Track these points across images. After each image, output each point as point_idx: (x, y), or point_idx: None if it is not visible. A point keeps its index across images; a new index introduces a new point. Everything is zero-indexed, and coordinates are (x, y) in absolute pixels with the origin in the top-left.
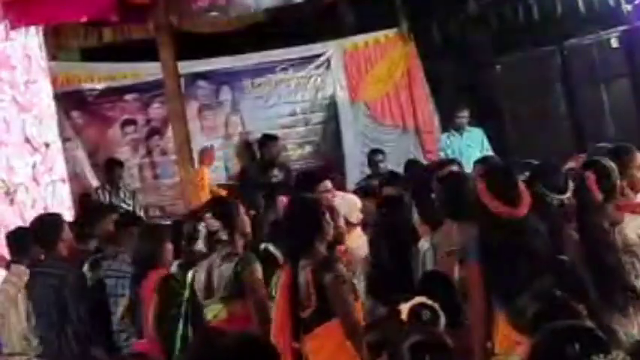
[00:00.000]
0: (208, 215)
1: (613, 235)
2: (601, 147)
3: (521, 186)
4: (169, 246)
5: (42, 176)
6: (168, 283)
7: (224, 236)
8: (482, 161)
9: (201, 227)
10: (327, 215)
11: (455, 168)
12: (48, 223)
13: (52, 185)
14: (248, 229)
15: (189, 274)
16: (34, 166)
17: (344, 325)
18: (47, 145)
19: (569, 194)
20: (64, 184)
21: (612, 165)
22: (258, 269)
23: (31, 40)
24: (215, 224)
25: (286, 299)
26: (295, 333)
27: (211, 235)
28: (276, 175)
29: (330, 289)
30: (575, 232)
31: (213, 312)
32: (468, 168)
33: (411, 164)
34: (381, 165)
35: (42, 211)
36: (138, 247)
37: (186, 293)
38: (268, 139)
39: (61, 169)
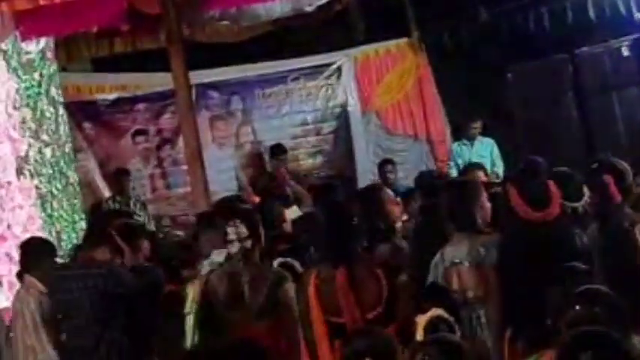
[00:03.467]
0: (238, 221)
1: (635, 235)
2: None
3: (552, 187)
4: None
5: None
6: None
7: (248, 244)
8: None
9: (231, 232)
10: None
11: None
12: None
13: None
14: (262, 241)
15: (193, 288)
16: None
17: (400, 327)
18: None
19: (582, 202)
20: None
21: (627, 167)
22: (292, 287)
23: None
24: (244, 231)
25: (353, 302)
26: None
27: (239, 241)
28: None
29: (401, 290)
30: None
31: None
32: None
33: (424, 176)
34: (390, 176)
35: None
36: None
37: (189, 306)
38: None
39: None
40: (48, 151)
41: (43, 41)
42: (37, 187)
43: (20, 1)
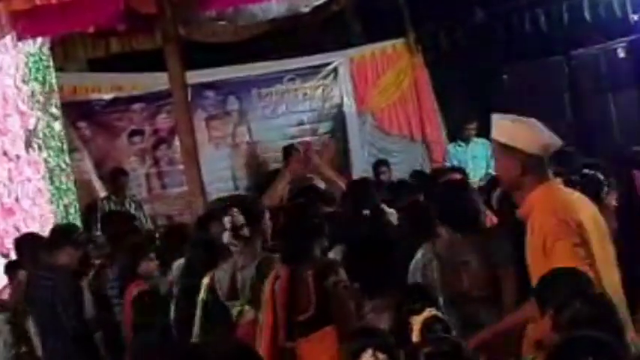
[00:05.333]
0: (235, 210)
1: None
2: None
3: None
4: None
5: None
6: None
7: (246, 233)
8: None
9: (227, 220)
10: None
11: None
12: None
13: None
14: (268, 235)
15: (206, 277)
16: None
17: (340, 330)
18: None
19: None
20: None
21: None
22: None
23: None
24: (240, 219)
25: (283, 302)
26: (289, 335)
27: (234, 229)
28: None
29: (331, 294)
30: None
31: (237, 309)
32: (473, 178)
33: (418, 174)
34: (383, 177)
35: None
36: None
37: (202, 294)
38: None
39: None
40: (56, 125)
41: None
42: (45, 161)
43: (17, 1)
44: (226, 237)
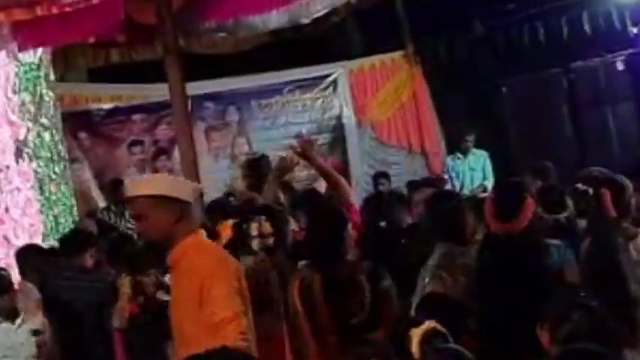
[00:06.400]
0: (263, 218)
1: (628, 250)
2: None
3: (526, 200)
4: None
5: None
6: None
7: (271, 242)
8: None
9: (254, 228)
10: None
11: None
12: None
13: None
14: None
15: None
16: None
17: (386, 333)
18: None
19: (565, 213)
20: None
21: (628, 183)
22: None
23: None
24: (269, 229)
25: (329, 307)
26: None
27: (261, 238)
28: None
29: (384, 297)
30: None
31: None
32: (471, 190)
33: (413, 185)
34: (383, 188)
35: None
36: None
37: None
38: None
39: None
40: (47, 135)
41: None
42: (35, 171)
43: (18, 11)
44: (256, 244)
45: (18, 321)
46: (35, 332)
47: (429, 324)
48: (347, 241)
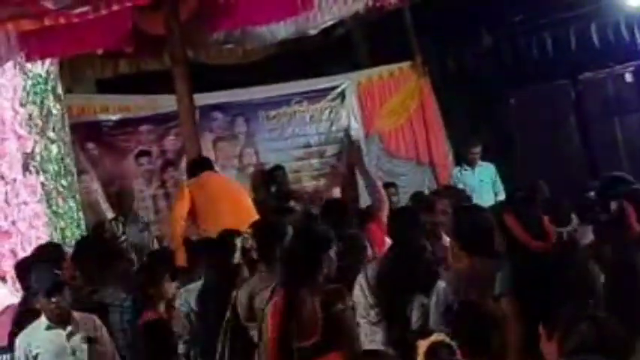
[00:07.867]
0: (248, 231)
1: None
2: None
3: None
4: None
5: None
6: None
7: (253, 256)
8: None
9: (237, 241)
10: (333, 251)
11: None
12: None
13: None
14: None
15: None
16: None
17: (347, 355)
18: None
19: (570, 227)
20: None
21: None
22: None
23: None
24: (252, 244)
25: (281, 326)
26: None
27: (246, 251)
28: (294, 206)
29: (339, 320)
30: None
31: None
32: (481, 203)
33: (417, 196)
34: (393, 198)
35: None
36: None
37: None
38: (279, 169)
39: None
40: (54, 148)
41: None
42: (42, 184)
43: (26, 21)
44: (236, 258)
45: (69, 328)
46: (89, 340)
47: (436, 336)
48: (326, 263)
